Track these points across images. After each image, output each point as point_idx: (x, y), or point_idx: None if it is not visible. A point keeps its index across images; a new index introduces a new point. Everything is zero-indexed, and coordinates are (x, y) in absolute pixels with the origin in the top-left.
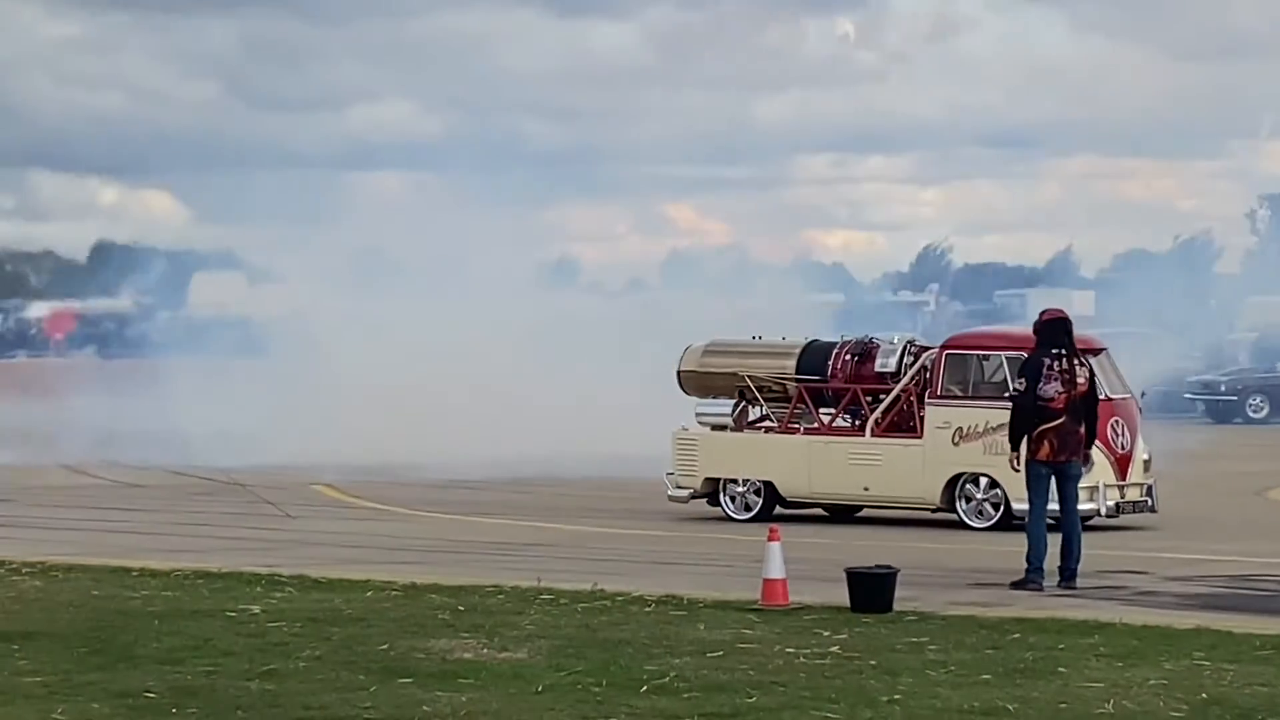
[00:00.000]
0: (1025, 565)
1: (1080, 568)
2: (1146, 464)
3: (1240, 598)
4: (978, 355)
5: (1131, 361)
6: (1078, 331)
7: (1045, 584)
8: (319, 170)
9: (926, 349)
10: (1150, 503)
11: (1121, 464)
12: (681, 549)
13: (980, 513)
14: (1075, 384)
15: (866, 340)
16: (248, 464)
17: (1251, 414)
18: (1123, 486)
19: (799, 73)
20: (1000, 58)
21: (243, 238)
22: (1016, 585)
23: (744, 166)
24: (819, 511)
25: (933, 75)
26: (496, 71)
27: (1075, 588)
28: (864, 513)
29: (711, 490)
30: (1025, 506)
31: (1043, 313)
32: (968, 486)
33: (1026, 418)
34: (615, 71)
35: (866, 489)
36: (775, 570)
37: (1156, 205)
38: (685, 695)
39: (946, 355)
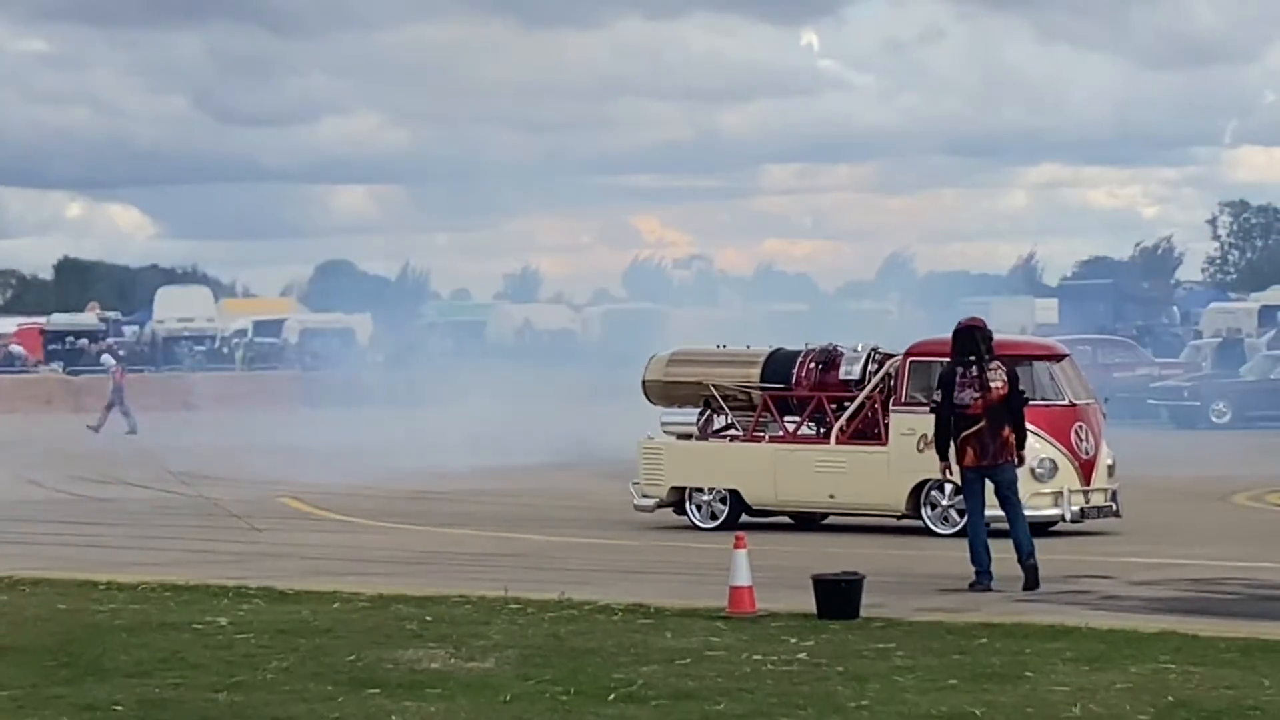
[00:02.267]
0: (973, 570)
1: (1039, 566)
2: (1111, 469)
3: (1206, 601)
4: (941, 363)
5: None
6: (1041, 338)
7: (996, 588)
8: (286, 184)
9: (890, 356)
10: (1115, 508)
11: (1086, 469)
12: (648, 558)
13: (945, 519)
14: (989, 389)
15: (830, 348)
16: (215, 478)
17: (1215, 420)
18: (1087, 492)
19: (765, 83)
20: (965, 67)
21: (209, 252)
22: (972, 587)
23: (710, 177)
24: (785, 520)
25: (897, 85)
26: (465, 83)
27: (1039, 583)
28: (830, 520)
29: (677, 499)
30: (990, 513)
31: (960, 322)
32: (933, 493)
33: (946, 428)
34: (583, 83)
35: (832, 496)
36: (742, 578)
37: (1120, 212)
38: (653, 703)
39: (910, 362)
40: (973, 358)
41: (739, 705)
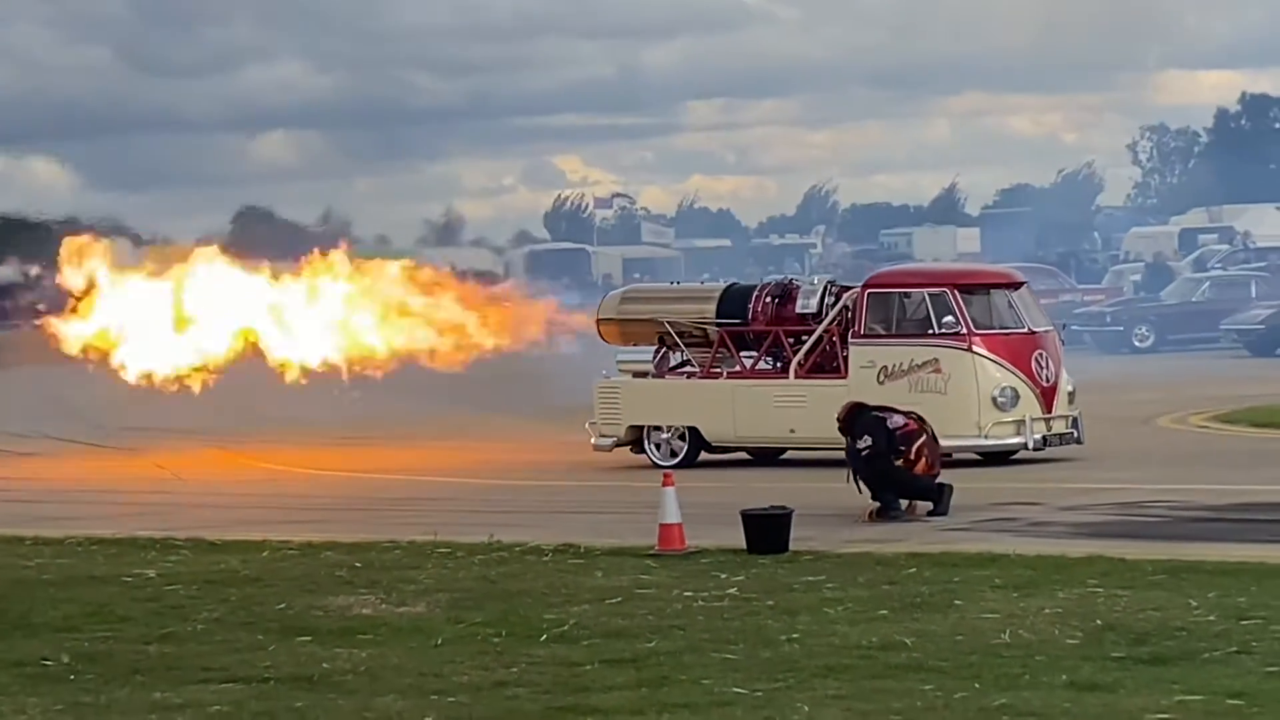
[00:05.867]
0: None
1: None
2: (1071, 396)
3: (1132, 525)
4: (899, 293)
5: None
6: (998, 266)
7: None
8: (210, 133)
9: (847, 289)
10: (1076, 434)
11: (1047, 396)
12: (578, 498)
13: None
14: (909, 413)
15: (786, 282)
16: (140, 429)
17: (1138, 344)
18: (1049, 419)
19: (687, 19)
20: None
21: (131, 204)
22: (877, 516)
23: (633, 115)
24: (743, 456)
25: (821, 17)
26: (386, 28)
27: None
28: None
29: (636, 438)
30: (953, 443)
31: (847, 407)
32: None
33: (887, 461)
34: (505, 24)
35: (793, 431)
36: (671, 515)
37: (1042, 139)
38: (585, 643)
39: (869, 294)
40: (870, 409)
41: (671, 642)
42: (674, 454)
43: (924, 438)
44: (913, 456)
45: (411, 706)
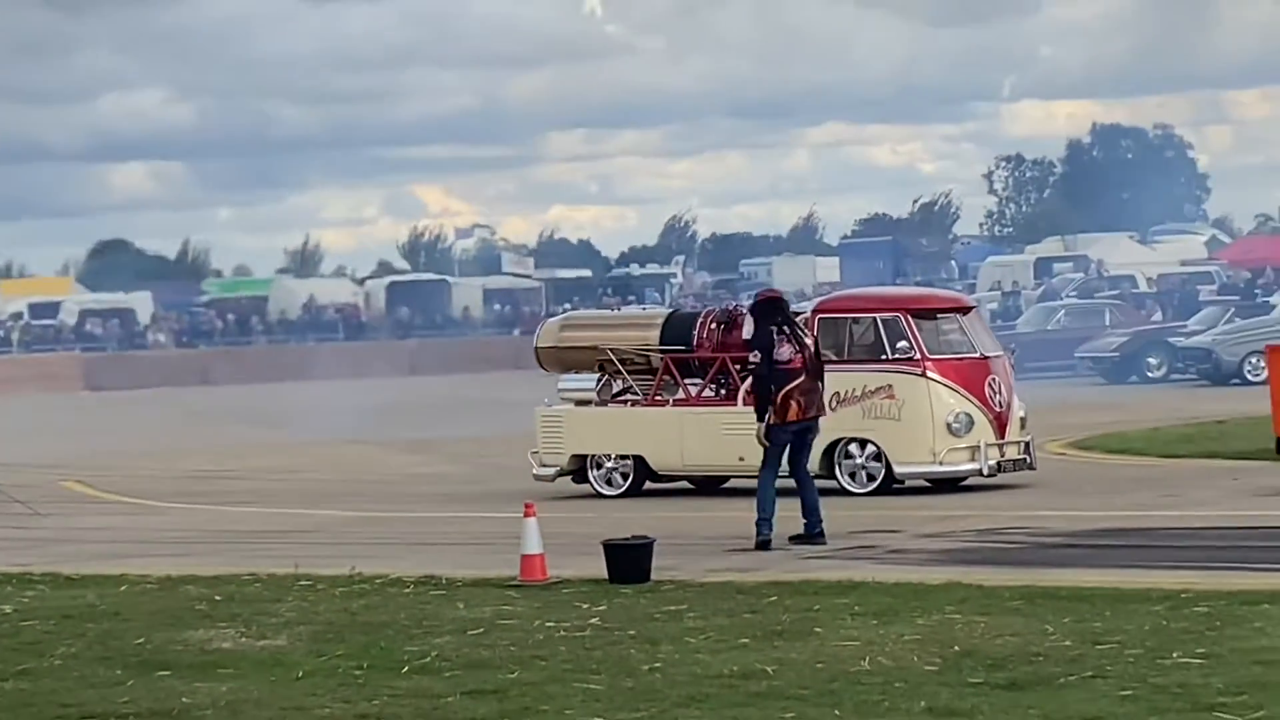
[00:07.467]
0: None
1: (826, 526)
2: (1023, 421)
3: (990, 551)
4: (850, 318)
5: None
6: (951, 291)
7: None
8: (67, 163)
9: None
10: (1029, 460)
11: (1000, 422)
12: (439, 529)
13: (865, 476)
14: (804, 345)
15: (731, 308)
16: None
17: None
18: (1002, 445)
19: (550, 49)
20: (752, 28)
21: None
22: (760, 546)
23: (496, 146)
24: (684, 485)
25: (684, 48)
26: (250, 57)
27: (826, 543)
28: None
29: (579, 467)
30: (907, 470)
31: (758, 294)
32: (849, 447)
33: (768, 386)
34: (370, 54)
35: (742, 459)
36: (532, 546)
37: (901, 170)
38: (447, 674)
39: (819, 319)
40: (780, 318)
41: (533, 673)
42: (617, 484)
43: (800, 381)
44: (778, 402)
45: None
